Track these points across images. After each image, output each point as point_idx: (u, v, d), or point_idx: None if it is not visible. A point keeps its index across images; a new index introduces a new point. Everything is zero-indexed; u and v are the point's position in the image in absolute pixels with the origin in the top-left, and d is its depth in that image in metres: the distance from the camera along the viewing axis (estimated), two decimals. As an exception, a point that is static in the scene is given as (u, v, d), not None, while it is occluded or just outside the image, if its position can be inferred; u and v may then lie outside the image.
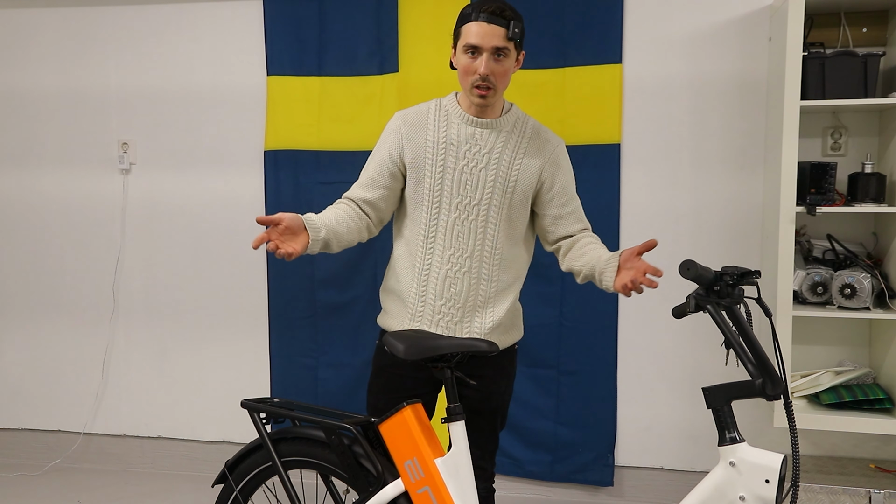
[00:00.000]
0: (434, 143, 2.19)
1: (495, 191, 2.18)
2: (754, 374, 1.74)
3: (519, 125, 2.24)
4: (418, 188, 2.20)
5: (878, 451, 3.18)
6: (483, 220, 2.18)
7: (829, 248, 3.08)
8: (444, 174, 2.18)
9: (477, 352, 1.95)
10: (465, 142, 2.19)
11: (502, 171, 2.18)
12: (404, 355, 1.90)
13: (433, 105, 2.26)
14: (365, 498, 2.01)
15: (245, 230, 3.71)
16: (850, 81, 2.85)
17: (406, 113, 2.26)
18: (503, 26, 2.09)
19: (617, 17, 3.29)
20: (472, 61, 2.11)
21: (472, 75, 2.11)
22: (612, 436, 3.44)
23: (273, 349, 3.71)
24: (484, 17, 2.08)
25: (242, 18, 3.63)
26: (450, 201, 2.18)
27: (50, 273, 3.92)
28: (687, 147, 3.31)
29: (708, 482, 1.78)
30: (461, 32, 2.14)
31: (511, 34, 2.09)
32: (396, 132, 2.23)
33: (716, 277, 1.77)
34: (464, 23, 2.13)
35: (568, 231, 2.26)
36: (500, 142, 2.20)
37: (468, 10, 2.13)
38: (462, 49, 2.13)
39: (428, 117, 2.23)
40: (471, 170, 2.18)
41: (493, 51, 2.09)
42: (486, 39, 2.08)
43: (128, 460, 3.93)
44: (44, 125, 3.86)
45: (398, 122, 2.24)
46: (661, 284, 3.37)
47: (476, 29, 2.09)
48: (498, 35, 2.09)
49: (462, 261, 2.18)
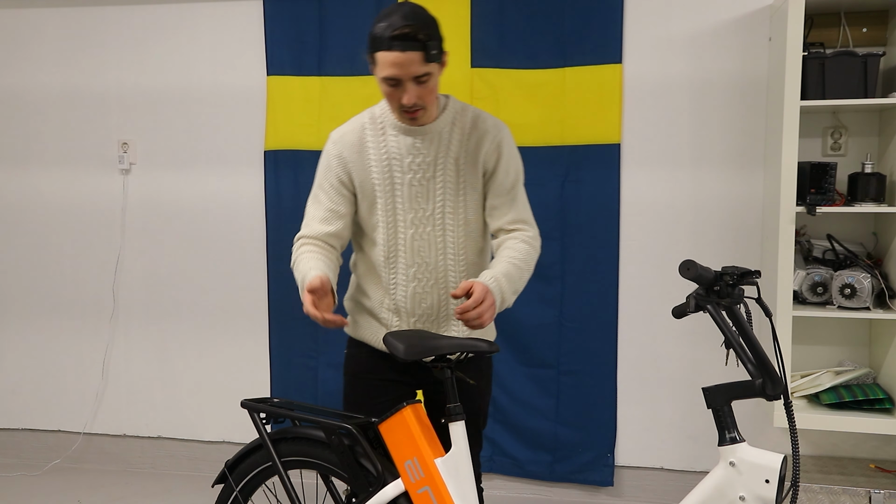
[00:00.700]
0: (378, 163, 2.08)
1: (447, 197, 2.09)
2: (754, 374, 1.74)
3: (458, 121, 2.11)
4: (372, 211, 2.11)
5: (878, 451, 3.18)
6: (440, 229, 2.10)
7: (829, 248, 3.08)
8: (393, 192, 2.08)
9: (477, 351, 1.95)
10: (406, 154, 2.07)
11: (450, 175, 2.08)
12: (404, 355, 1.89)
13: (366, 120, 2.12)
14: (365, 498, 2.01)
15: (245, 230, 3.71)
16: (850, 81, 2.85)
17: (342, 135, 2.12)
18: (419, 50, 1.92)
19: (617, 17, 3.29)
20: (394, 90, 1.97)
21: (398, 103, 1.99)
22: (612, 436, 3.44)
23: (273, 349, 3.71)
24: (398, 46, 1.90)
25: (242, 18, 3.63)
26: (405, 218, 2.09)
27: (50, 273, 3.92)
28: (687, 147, 3.32)
29: (708, 482, 1.78)
30: (375, 60, 1.96)
31: (430, 56, 1.94)
32: (339, 158, 2.10)
33: (716, 277, 1.76)
34: (375, 48, 1.94)
35: (499, 223, 2.14)
36: (442, 146, 2.08)
37: (378, 33, 1.93)
38: (379, 79, 1.97)
39: (365, 136, 2.10)
40: (419, 181, 2.08)
41: (414, 79, 1.94)
42: (405, 69, 1.93)
43: (128, 460, 3.93)
44: (44, 125, 3.86)
45: (338, 148, 2.11)
46: (661, 284, 3.37)
47: (389, 60, 1.92)
48: (415, 62, 1.92)
49: (428, 274, 2.11)
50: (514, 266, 2.06)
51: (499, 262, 2.07)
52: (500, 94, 3.39)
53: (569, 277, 3.40)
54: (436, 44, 1.96)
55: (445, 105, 2.11)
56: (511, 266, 2.05)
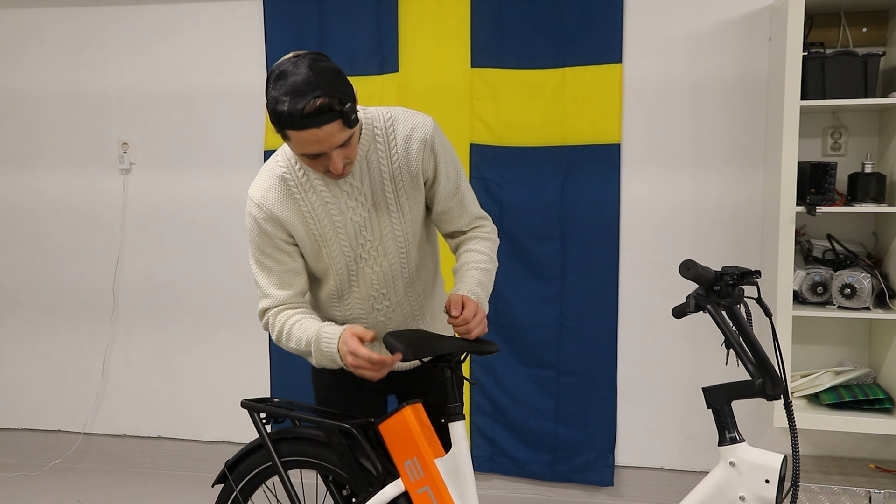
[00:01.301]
0: (311, 213, 1.91)
1: (393, 222, 1.95)
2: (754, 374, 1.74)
3: (379, 135, 1.91)
4: (318, 259, 1.96)
5: (878, 451, 3.18)
6: (393, 254, 1.98)
7: (829, 248, 3.08)
8: (336, 236, 1.93)
9: (478, 352, 1.95)
10: (339, 193, 1.90)
11: (390, 198, 1.93)
12: (404, 356, 1.89)
13: (283, 168, 1.91)
14: (365, 498, 2.01)
15: (245, 230, 3.71)
16: (850, 81, 2.85)
17: (264, 194, 1.91)
18: (337, 118, 1.69)
19: (617, 17, 3.29)
20: (316, 160, 1.77)
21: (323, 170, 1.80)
22: (612, 436, 3.44)
23: (273, 349, 3.71)
24: (311, 123, 1.66)
25: (242, 18, 3.63)
26: (354, 255, 1.96)
27: (50, 273, 3.92)
28: (687, 147, 3.32)
29: (708, 482, 1.78)
30: (286, 136, 1.72)
31: (349, 122, 1.71)
32: (269, 220, 1.91)
33: (716, 277, 1.76)
34: (284, 127, 1.70)
35: (454, 226, 2.05)
36: (372, 170, 1.91)
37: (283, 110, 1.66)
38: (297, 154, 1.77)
39: (289, 188, 1.90)
40: (359, 216, 1.92)
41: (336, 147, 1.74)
42: (325, 144, 1.71)
43: (128, 460, 3.93)
44: (44, 125, 3.86)
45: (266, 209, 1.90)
46: (661, 284, 3.37)
47: (307, 138, 1.69)
48: (334, 133, 1.70)
49: (387, 302, 2.03)
50: (484, 272, 2.01)
51: (468, 270, 2.00)
52: (500, 94, 3.39)
53: (569, 277, 3.40)
54: (352, 105, 1.72)
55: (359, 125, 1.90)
56: (481, 273, 2.00)
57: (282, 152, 1.95)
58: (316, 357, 1.91)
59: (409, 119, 1.93)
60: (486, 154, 3.40)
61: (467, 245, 2.06)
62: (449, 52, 3.42)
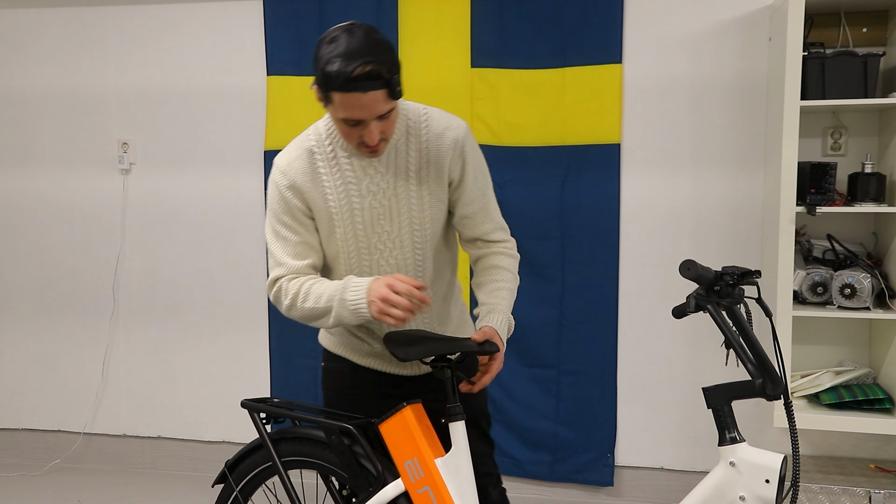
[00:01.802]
0: (333, 189, 1.92)
1: (412, 215, 1.95)
2: (754, 374, 1.74)
3: (413, 129, 1.93)
4: (330, 239, 1.96)
5: (878, 451, 3.18)
6: (409, 249, 1.98)
7: (829, 248, 3.08)
8: (353, 218, 1.93)
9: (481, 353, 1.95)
10: (363, 176, 1.92)
11: (412, 191, 1.93)
12: (404, 356, 1.89)
13: (313, 143, 1.93)
14: (365, 498, 2.01)
15: (245, 230, 3.71)
16: (850, 81, 2.85)
17: (290, 162, 1.93)
18: (383, 88, 1.72)
19: (617, 17, 3.29)
20: (354, 128, 1.79)
21: (358, 140, 1.82)
22: (612, 436, 3.44)
23: (273, 349, 3.71)
24: (359, 87, 1.69)
25: (242, 18, 3.63)
26: (367, 243, 1.95)
27: (50, 273, 3.92)
28: (687, 147, 3.32)
29: (708, 482, 1.78)
30: (329, 98, 1.75)
31: (393, 93, 1.75)
32: (292, 188, 1.92)
33: (716, 277, 1.76)
34: (330, 88, 1.72)
35: (476, 232, 2.03)
36: (400, 161, 1.92)
37: (332, 70, 1.70)
38: (336, 118, 1.79)
39: (315, 161, 1.92)
40: (379, 203, 1.93)
41: (377, 118, 1.77)
42: (368, 111, 1.74)
43: (128, 460, 3.93)
44: (44, 125, 3.86)
45: (289, 178, 1.92)
46: (661, 284, 3.37)
47: (350, 102, 1.72)
48: (378, 101, 1.73)
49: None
50: (511, 292, 2.01)
51: (495, 289, 1.99)
52: (500, 94, 3.39)
53: (569, 277, 3.40)
54: (398, 77, 1.76)
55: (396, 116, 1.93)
56: (509, 293, 2.00)
57: (314, 127, 1.96)
58: (337, 309, 1.85)
59: (444, 118, 1.95)
60: (486, 154, 3.40)
61: (492, 260, 2.03)
62: (449, 52, 3.42)
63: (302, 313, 1.92)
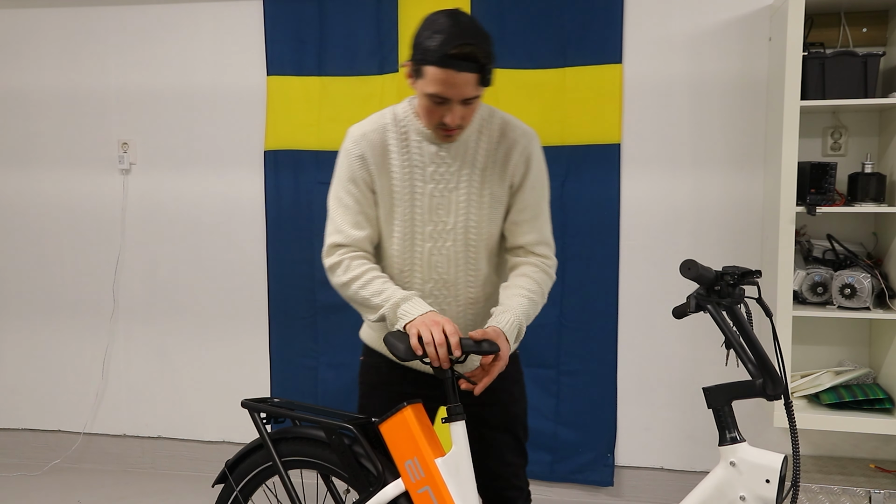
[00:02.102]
0: (399, 169, 1.95)
1: (470, 210, 1.97)
2: (754, 374, 1.74)
3: (486, 128, 1.98)
4: (388, 219, 1.98)
5: (878, 451, 3.18)
6: (462, 244, 1.99)
7: (829, 248, 3.08)
8: (413, 202, 1.96)
9: (478, 352, 1.94)
10: (430, 162, 1.95)
11: (475, 187, 1.96)
12: (404, 355, 1.89)
13: (388, 121, 1.97)
14: (365, 498, 2.01)
15: (245, 230, 3.71)
16: (850, 81, 2.85)
17: (364, 134, 1.97)
18: (475, 72, 1.78)
19: (617, 17, 3.29)
20: (437, 107, 1.83)
21: (438, 120, 1.86)
22: (612, 436, 3.44)
23: (273, 349, 3.71)
24: (454, 65, 1.75)
25: (242, 18, 3.63)
26: (423, 230, 1.97)
27: (50, 273, 3.92)
28: (687, 147, 3.32)
29: (708, 482, 1.78)
30: (423, 72, 1.81)
31: (484, 80, 1.81)
32: (361, 158, 1.96)
33: (716, 277, 1.76)
34: (426, 62, 1.79)
35: (522, 241, 2.02)
36: (468, 155, 1.96)
37: (432, 45, 1.76)
38: (423, 93, 1.83)
39: (387, 138, 1.96)
40: (440, 192, 1.95)
41: (463, 100, 1.82)
42: (456, 91, 1.79)
43: (128, 460, 3.93)
44: (44, 125, 3.86)
45: (360, 147, 1.96)
46: (661, 284, 3.37)
47: (443, 77, 1.77)
48: (469, 84, 1.79)
49: (445, 290, 2.02)
50: (532, 302, 1.99)
51: (517, 294, 1.98)
52: (500, 94, 3.39)
53: (569, 277, 3.40)
54: (491, 67, 1.82)
55: None
56: (529, 303, 1.98)
57: (391, 108, 2.01)
58: (386, 310, 1.89)
59: (517, 123, 2.01)
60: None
61: (526, 269, 2.02)
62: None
63: (353, 296, 1.95)
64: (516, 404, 2.16)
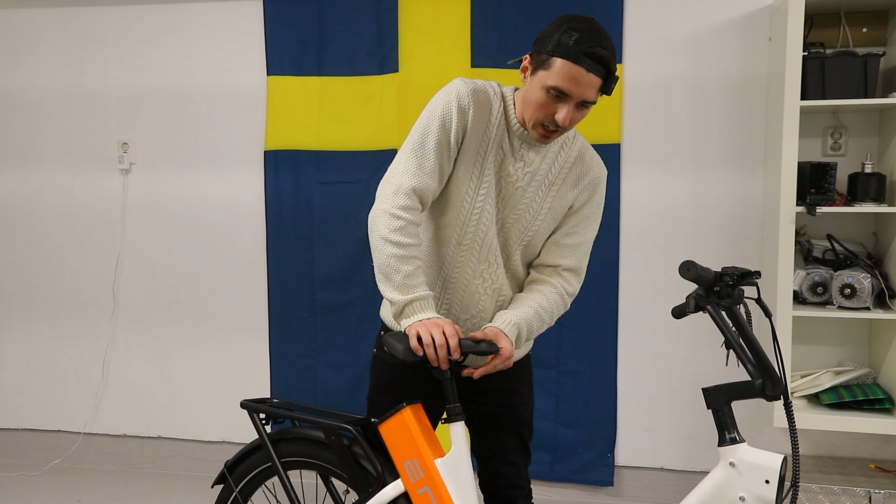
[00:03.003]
0: (491, 141, 1.94)
1: (526, 214, 1.99)
2: (754, 374, 1.74)
3: (566, 147, 2.01)
4: (463, 182, 1.95)
5: (878, 451, 3.18)
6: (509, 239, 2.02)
7: (829, 248, 3.08)
8: (490, 179, 1.95)
9: (477, 352, 1.93)
10: (511, 153, 1.96)
11: (539, 196, 1.99)
12: (403, 356, 1.89)
13: (497, 92, 1.96)
14: (365, 498, 2.01)
15: (245, 230, 3.71)
16: (850, 81, 2.85)
17: (476, 89, 1.93)
18: (601, 77, 1.80)
19: (617, 17, 3.29)
20: (552, 103, 1.83)
21: (545, 116, 1.85)
22: (612, 436, 3.44)
23: (273, 349, 3.71)
24: (585, 64, 1.77)
25: (242, 18, 3.63)
26: (480, 214, 1.97)
27: (50, 273, 3.92)
28: (687, 147, 3.31)
29: (708, 482, 1.78)
30: (550, 64, 1.80)
31: (606, 88, 1.83)
32: (464, 112, 1.91)
33: (716, 278, 1.76)
34: (558, 54, 1.79)
35: (555, 261, 2.04)
36: (544, 165, 1.98)
37: (569, 41, 1.78)
38: (544, 84, 1.82)
39: (493, 107, 1.94)
40: (508, 185, 1.97)
41: (581, 102, 1.83)
42: (579, 89, 1.80)
43: (128, 460, 3.93)
44: (44, 125, 3.86)
45: (468, 100, 1.91)
46: (660, 284, 3.37)
47: (571, 73, 1.78)
48: (593, 87, 1.80)
49: (493, 277, 2.01)
50: (538, 316, 1.99)
51: (524, 304, 1.99)
52: (500, 94, 3.39)
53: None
54: (614, 79, 1.84)
55: None
56: (535, 315, 1.99)
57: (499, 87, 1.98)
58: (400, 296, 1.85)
59: (595, 155, 2.06)
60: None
61: (544, 288, 2.03)
62: (449, 52, 3.42)
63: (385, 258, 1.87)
64: (525, 406, 2.18)
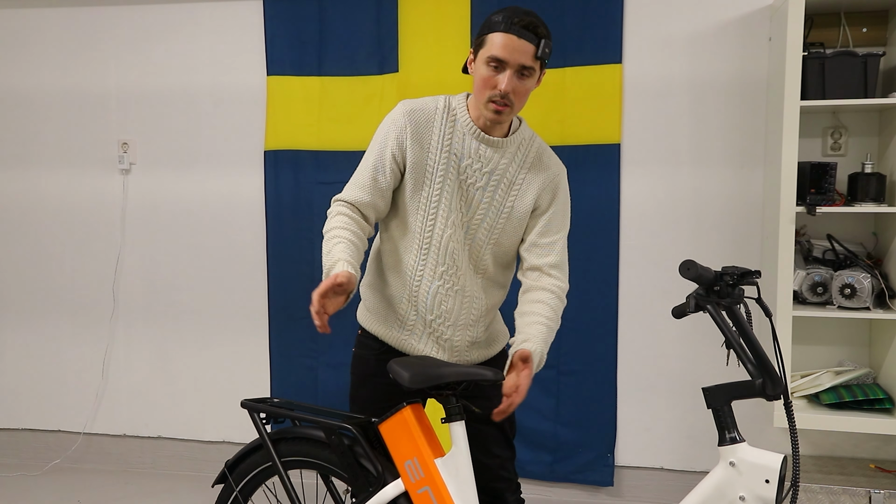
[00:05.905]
0: (438, 151, 2.04)
1: (489, 213, 2.07)
2: (754, 374, 1.74)
3: (524, 147, 2.09)
4: (415, 195, 2.06)
5: (878, 451, 3.18)
6: (477, 240, 2.09)
7: (829, 248, 3.08)
8: (443, 186, 2.04)
9: (482, 380, 1.94)
10: (467, 156, 2.04)
11: (499, 194, 2.06)
12: (409, 383, 1.89)
13: (441, 104, 2.07)
14: (365, 498, 2.01)
15: (245, 230, 3.71)
16: (850, 81, 2.85)
17: (413, 108, 2.06)
18: (533, 43, 1.93)
19: (617, 17, 3.29)
20: (494, 75, 1.95)
21: (491, 90, 1.96)
22: (612, 436, 3.44)
23: (273, 349, 3.71)
24: (515, 31, 1.91)
25: (242, 18, 3.63)
26: (446, 216, 2.05)
27: (50, 273, 3.92)
28: (687, 147, 3.32)
29: (708, 482, 1.78)
30: (486, 41, 1.96)
31: (540, 53, 1.94)
32: (402, 130, 2.04)
33: (716, 277, 1.77)
34: (491, 31, 1.95)
35: (539, 262, 2.11)
36: (502, 163, 2.06)
37: (497, 18, 1.95)
38: (484, 59, 1.96)
39: (435, 119, 2.05)
40: (468, 187, 2.05)
41: (519, 68, 1.94)
42: (514, 55, 1.93)
43: (128, 460, 3.93)
44: (44, 125, 3.86)
45: (404, 120, 2.04)
46: (660, 284, 3.37)
47: (504, 41, 1.92)
48: (527, 52, 1.93)
49: (455, 279, 2.08)
50: (550, 329, 2.05)
51: (535, 321, 2.04)
52: (500, 94, 3.39)
53: (569, 278, 3.40)
54: (549, 45, 1.96)
55: (518, 127, 2.09)
56: (548, 330, 2.04)
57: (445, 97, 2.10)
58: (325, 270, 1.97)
59: (553, 155, 2.15)
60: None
61: (539, 295, 2.08)
62: (449, 52, 3.42)
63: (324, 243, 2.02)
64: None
